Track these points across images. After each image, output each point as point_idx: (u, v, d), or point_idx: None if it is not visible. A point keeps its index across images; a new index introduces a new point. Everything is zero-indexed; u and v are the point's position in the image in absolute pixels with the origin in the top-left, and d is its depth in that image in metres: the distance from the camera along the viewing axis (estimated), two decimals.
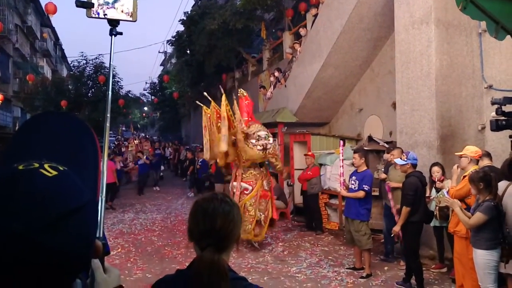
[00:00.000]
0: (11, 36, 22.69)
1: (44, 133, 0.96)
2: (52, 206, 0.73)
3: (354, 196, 6.35)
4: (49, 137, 0.95)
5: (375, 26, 9.22)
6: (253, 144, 7.64)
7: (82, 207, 0.78)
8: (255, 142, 7.64)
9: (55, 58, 37.35)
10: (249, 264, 7.02)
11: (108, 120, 1.55)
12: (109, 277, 1.14)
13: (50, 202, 0.74)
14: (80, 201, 0.78)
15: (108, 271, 1.15)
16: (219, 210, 1.51)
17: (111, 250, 7.72)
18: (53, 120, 1.02)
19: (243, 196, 7.76)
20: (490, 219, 4.27)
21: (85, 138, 0.99)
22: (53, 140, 0.95)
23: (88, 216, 0.80)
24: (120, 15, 1.73)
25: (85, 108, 21.14)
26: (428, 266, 6.47)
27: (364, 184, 6.29)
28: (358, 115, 10.88)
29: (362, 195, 6.27)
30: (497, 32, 3.79)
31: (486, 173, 4.51)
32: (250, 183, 7.85)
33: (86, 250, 0.79)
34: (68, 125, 1.01)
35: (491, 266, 4.31)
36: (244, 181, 7.88)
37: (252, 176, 7.91)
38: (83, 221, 0.78)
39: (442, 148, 6.82)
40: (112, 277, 1.15)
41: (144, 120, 59.91)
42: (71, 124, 1.01)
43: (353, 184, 6.45)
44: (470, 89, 7.09)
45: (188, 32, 18.77)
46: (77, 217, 0.77)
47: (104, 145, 1.49)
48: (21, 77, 24.82)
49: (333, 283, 6.03)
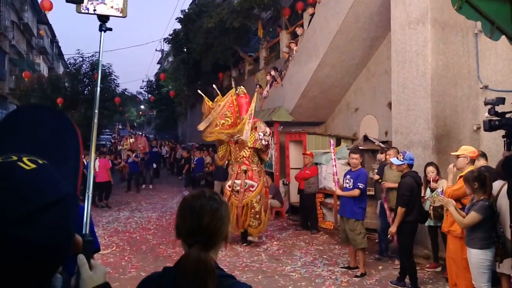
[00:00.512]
0: (8, 33, 22.59)
1: (26, 126, 0.96)
2: (28, 199, 0.73)
3: (349, 195, 6.35)
4: (31, 130, 0.95)
5: (372, 26, 9.22)
6: (260, 137, 7.86)
7: (60, 200, 0.78)
8: (263, 136, 7.87)
9: (52, 55, 37.24)
10: (244, 263, 7.02)
11: (96, 116, 1.54)
12: (95, 273, 1.13)
13: (27, 195, 0.73)
14: (58, 194, 0.78)
15: (94, 268, 1.14)
16: (206, 207, 1.50)
17: (106, 249, 7.75)
18: (36, 113, 1.02)
19: (248, 194, 7.84)
20: (484, 218, 4.28)
21: (68, 134, 0.99)
22: (35, 133, 0.94)
23: (66, 210, 0.79)
24: (110, 10, 1.72)
25: (81, 106, 21.09)
26: (422, 266, 6.49)
27: (359, 182, 6.28)
28: (354, 114, 10.89)
29: (357, 193, 6.26)
30: (492, 32, 3.79)
31: (481, 172, 4.52)
32: (255, 180, 7.94)
33: (64, 244, 0.78)
34: (51, 119, 1.00)
35: (485, 265, 4.32)
36: (249, 178, 7.96)
37: (256, 173, 8.03)
38: (61, 215, 0.78)
39: (437, 148, 6.83)
40: (98, 274, 1.14)
41: (141, 119, 59.81)
42: (54, 119, 1.00)
43: (348, 183, 6.45)
44: (465, 90, 7.10)
45: (185, 30, 18.74)
46: (55, 210, 0.76)
47: (91, 141, 1.48)
48: (17, 74, 24.74)
49: (327, 282, 6.03)
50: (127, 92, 26.78)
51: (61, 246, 0.78)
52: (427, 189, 6.27)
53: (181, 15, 19.26)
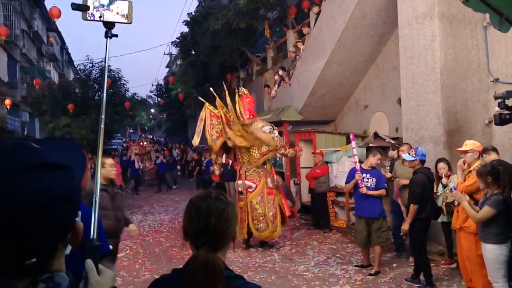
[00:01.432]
0: (18, 41, 22.86)
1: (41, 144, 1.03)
2: (38, 155, 0.83)
3: (378, 194, 6.26)
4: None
5: (379, 22, 9.16)
6: (269, 130, 7.77)
7: (67, 169, 0.85)
8: (269, 132, 7.75)
9: (62, 62, 37.59)
10: (257, 263, 7.02)
11: (102, 121, 1.55)
12: (103, 278, 1.13)
13: (37, 152, 0.84)
14: (66, 164, 0.86)
15: (102, 272, 1.15)
16: (213, 208, 1.50)
17: (120, 252, 7.76)
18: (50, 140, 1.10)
19: (248, 194, 7.78)
20: (499, 213, 4.23)
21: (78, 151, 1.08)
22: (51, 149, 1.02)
23: (71, 179, 0.85)
24: (115, 17, 1.73)
25: (91, 111, 21.24)
26: (437, 262, 6.43)
27: (384, 183, 6.35)
28: (363, 112, 10.83)
29: (385, 193, 6.34)
30: (501, 24, 3.73)
31: (494, 166, 4.46)
32: (253, 181, 7.86)
33: (64, 206, 0.82)
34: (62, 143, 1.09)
35: (500, 260, 4.26)
36: (248, 179, 7.88)
37: (255, 174, 7.91)
38: (65, 180, 0.83)
39: (448, 143, 6.76)
40: (106, 278, 1.14)
41: (151, 122, 60.09)
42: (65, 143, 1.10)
43: (368, 181, 6.33)
44: (476, 83, 7.02)
45: (192, 33, 18.81)
46: (61, 173, 0.83)
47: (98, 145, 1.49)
48: (28, 82, 25.00)
49: (341, 281, 6.00)
50: (137, 96, 26.82)
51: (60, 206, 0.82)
52: (439, 185, 6.22)
53: (188, 18, 19.34)
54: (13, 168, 0.78)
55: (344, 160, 9.35)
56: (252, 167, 7.92)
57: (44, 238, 0.79)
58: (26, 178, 0.78)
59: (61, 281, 0.84)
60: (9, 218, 0.75)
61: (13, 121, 22.16)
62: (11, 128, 21.43)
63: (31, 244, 0.77)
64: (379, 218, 6.22)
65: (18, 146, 0.84)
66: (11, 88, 21.98)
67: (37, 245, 0.78)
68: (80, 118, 20.60)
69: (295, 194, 11.00)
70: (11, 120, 21.72)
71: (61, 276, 0.85)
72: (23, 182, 0.77)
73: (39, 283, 0.80)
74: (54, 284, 0.82)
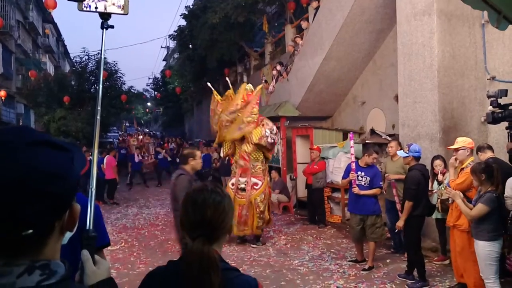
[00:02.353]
0: (13, 32, 22.69)
1: None
2: (41, 134, 0.87)
3: (372, 194, 6.23)
4: None
5: (377, 18, 9.16)
6: (267, 134, 7.69)
7: (68, 151, 0.89)
8: (269, 133, 7.70)
9: (58, 54, 37.37)
10: (252, 257, 7.04)
11: (98, 113, 1.54)
12: (99, 269, 1.14)
13: (41, 133, 0.89)
14: (68, 149, 0.90)
15: (98, 263, 1.15)
16: (209, 200, 1.51)
17: (115, 245, 7.81)
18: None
19: (252, 192, 7.70)
20: (492, 210, 4.26)
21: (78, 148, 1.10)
22: None
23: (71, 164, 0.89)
24: (111, 8, 1.72)
25: (87, 104, 21.16)
26: (430, 258, 6.47)
27: (378, 181, 6.27)
28: (360, 108, 10.84)
29: (380, 192, 6.30)
30: (498, 22, 3.72)
31: (488, 164, 4.49)
32: (259, 178, 7.83)
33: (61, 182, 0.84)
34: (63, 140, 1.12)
35: (492, 257, 4.30)
36: (253, 175, 7.81)
37: (260, 171, 7.88)
38: (64, 160, 0.87)
39: (444, 140, 6.78)
40: (102, 269, 1.15)
41: (148, 116, 59.99)
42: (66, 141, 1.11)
43: (362, 179, 6.30)
44: (472, 81, 7.04)
45: (190, 27, 18.73)
46: (61, 153, 0.87)
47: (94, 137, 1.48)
48: (23, 74, 24.84)
49: (335, 275, 6.03)
50: (133, 89, 26.70)
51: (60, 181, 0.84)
52: (435, 182, 6.24)
53: (185, 11, 19.25)
54: (15, 141, 0.82)
55: (340, 156, 9.37)
56: (258, 164, 7.85)
57: (40, 210, 0.80)
58: (27, 150, 0.81)
59: (57, 268, 0.84)
60: (7, 187, 0.77)
61: (8, 112, 22.06)
62: (6, 119, 21.33)
63: (27, 213, 0.78)
64: (371, 215, 6.23)
65: (24, 127, 0.90)
66: (6, 79, 21.85)
67: (33, 217, 0.79)
68: (76, 110, 20.52)
69: (291, 190, 11.04)
70: (6, 112, 21.62)
71: (57, 264, 0.85)
72: (23, 154, 0.81)
73: (35, 269, 0.81)
74: (50, 271, 0.82)
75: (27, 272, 0.80)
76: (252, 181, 7.79)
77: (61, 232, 0.89)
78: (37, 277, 0.81)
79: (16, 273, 0.79)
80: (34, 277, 0.80)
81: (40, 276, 0.81)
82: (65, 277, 0.85)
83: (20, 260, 0.81)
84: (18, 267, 0.80)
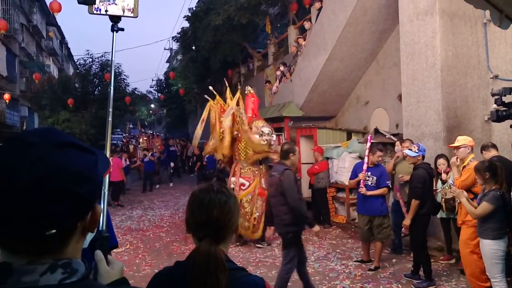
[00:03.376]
0: (17, 35, 22.82)
1: None
2: (67, 136, 0.90)
3: (379, 194, 6.22)
4: None
5: (380, 18, 9.17)
6: (257, 139, 7.66)
7: (92, 154, 0.92)
8: (259, 137, 7.66)
9: (61, 56, 37.52)
10: (257, 258, 7.06)
11: (110, 114, 1.57)
12: (112, 269, 1.16)
13: (67, 135, 0.91)
14: (92, 151, 0.93)
15: (111, 263, 1.17)
16: (215, 200, 1.52)
17: (120, 247, 7.83)
18: None
19: (240, 192, 7.74)
20: (496, 208, 4.26)
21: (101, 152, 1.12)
22: None
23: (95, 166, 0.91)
24: (121, 11, 1.75)
25: (91, 106, 21.22)
26: (436, 258, 6.46)
27: (386, 180, 6.26)
28: (364, 108, 10.85)
29: (387, 192, 6.29)
30: (501, 21, 3.75)
31: (492, 162, 4.50)
32: (248, 179, 7.84)
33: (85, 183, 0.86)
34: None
35: (498, 256, 4.30)
36: (242, 176, 7.87)
37: (250, 172, 7.90)
38: (89, 162, 0.89)
39: (448, 139, 6.78)
40: (115, 269, 1.17)
41: (151, 117, 60.06)
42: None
43: (368, 179, 6.29)
44: (475, 80, 7.04)
45: (193, 28, 18.76)
46: (86, 155, 0.90)
47: (106, 138, 1.51)
48: (27, 76, 24.98)
49: (341, 276, 6.04)
50: (137, 91, 26.74)
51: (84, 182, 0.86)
52: (438, 181, 6.24)
53: (189, 13, 19.29)
54: (42, 142, 0.84)
55: (344, 156, 9.37)
56: (248, 165, 7.90)
57: (64, 210, 0.82)
58: (53, 151, 0.83)
59: (78, 267, 0.86)
60: (33, 187, 0.79)
61: (12, 115, 22.15)
62: (10, 122, 21.41)
63: (52, 213, 0.80)
64: (380, 216, 6.23)
65: (50, 128, 0.93)
66: (10, 82, 21.95)
67: (57, 216, 0.81)
68: (80, 113, 20.58)
69: None
70: (10, 115, 21.71)
71: (79, 263, 0.87)
72: (49, 155, 0.82)
73: (57, 268, 0.83)
74: (72, 270, 0.84)
75: (50, 271, 0.82)
76: (240, 182, 7.81)
77: (82, 232, 0.91)
78: (59, 275, 0.83)
79: (39, 271, 0.81)
80: (57, 276, 0.82)
81: (62, 275, 0.83)
82: (85, 276, 0.87)
83: (43, 259, 0.83)
84: (41, 266, 0.82)
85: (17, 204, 0.78)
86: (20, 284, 0.80)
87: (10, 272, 0.80)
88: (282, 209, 4.83)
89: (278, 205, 4.89)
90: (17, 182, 0.79)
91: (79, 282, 0.84)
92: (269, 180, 5.01)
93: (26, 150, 0.82)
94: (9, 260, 0.81)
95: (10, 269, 0.81)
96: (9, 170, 0.80)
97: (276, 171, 4.96)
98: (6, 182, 0.79)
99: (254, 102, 8.32)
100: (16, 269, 0.81)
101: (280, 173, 4.83)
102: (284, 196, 4.76)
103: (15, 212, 0.79)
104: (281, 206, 4.82)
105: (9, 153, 0.83)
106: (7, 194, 0.78)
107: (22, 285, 0.80)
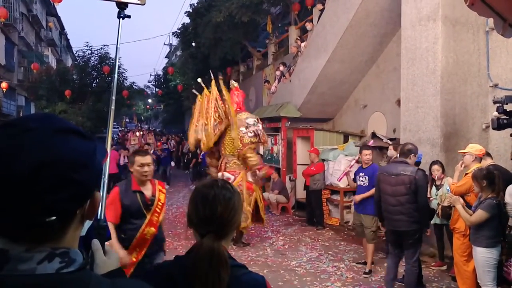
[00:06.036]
0: (17, 24, 22.68)
1: None
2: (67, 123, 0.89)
3: (369, 195, 6.21)
4: None
5: (382, 22, 9.17)
6: (243, 132, 7.64)
7: (91, 141, 0.90)
8: (245, 130, 7.64)
9: (60, 47, 37.34)
10: (249, 257, 7.05)
11: (113, 102, 1.55)
12: (109, 259, 1.15)
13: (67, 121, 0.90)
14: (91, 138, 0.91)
15: (108, 253, 1.16)
16: (219, 196, 1.50)
17: None
18: None
19: None
20: (491, 216, 4.26)
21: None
22: None
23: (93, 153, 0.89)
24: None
25: (89, 98, 21.14)
26: (428, 264, 6.47)
27: None
28: (362, 111, 10.85)
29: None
30: (504, 29, 3.75)
31: (490, 171, 4.50)
32: (232, 173, 7.78)
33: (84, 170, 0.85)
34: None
35: (490, 264, 4.30)
36: (227, 170, 7.80)
37: (235, 166, 7.83)
38: (88, 148, 0.88)
39: (445, 146, 6.80)
40: (112, 259, 1.16)
41: (148, 112, 59.93)
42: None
43: (362, 180, 6.38)
44: (475, 88, 7.05)
45: (193, 25, 18.70)
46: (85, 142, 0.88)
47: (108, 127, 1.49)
48: (25, 66, 24.83)
49: (332, 277, 6.04)
50: (135, 85, 26.71)
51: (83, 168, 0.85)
52: (433, 187, 6.25)
53: (190, 9, 19.24)
54: (42, 127, 0.83)
55: (340, 158, 9.37)
56: (233, 159, 7.83)
57: (64, 196, 0.81)
58: (54, 137, 0.83)
59: (76, 257, 0.85)
60: (34, 172, 0.78)
61: (9, 104, 22.03)
62: (6, 111, 21.29)
63: (51, 200, 0.79)
64: (369, 215, 6.24)
65: (51, 114, 0.91)
66: (8, 71, 21.83)
67: (58, 203, 0.80)
68: (77, 104, 20.51)
69: (290, 190, 11.05)
70: (7, 104, 21.59)
71: (76, 252, 0.86)
72: (50, 140, 0.82)
73: (55, 257, 0.82)
74: (70, 259, 0.83)
75: (47, 259, 0.81)
76: (225, 176, 7.72)
77: (81, 220, 0.90)
78: (56, 264, 0.81)
79: (37, 259, 0.80)
80: (54, 264, 0.81)
81: (60, 264, 0.82)
82: (83, 266, 0.85)
83: (41, 247, 0.81)
84: (39, 254, 0.81)
85: (18, 190, 0.77)
86: (17, 271, 0.78)
87: (7, 259, 0.79)
88: (412, 207, 4.89)
89: (408, 203, 4.92)
90: (18, 168, 0.78)
91: (77, 272, 0.83)
92: (388, 178, 5.01)
93: (27, 135, 0.81)
94: (5, 247, 0.80)
95: (7, 256, 0.79)
96: (10, 155, 0.79)
97: (404, 170, 4.94)
98: (7, 168, 0.78)
99: (239, 96, 8.27)
100: (13, 257, 0.79)
101: (413, 172, 4.89)
102: (415, 195, 4.86)
103: (15, 198, 0.77)
104: (412, 204, 4.89)
105: (9, 138, 0.81)
106: (7, 180, 0.77)
107: (19, 272, 0.78)
